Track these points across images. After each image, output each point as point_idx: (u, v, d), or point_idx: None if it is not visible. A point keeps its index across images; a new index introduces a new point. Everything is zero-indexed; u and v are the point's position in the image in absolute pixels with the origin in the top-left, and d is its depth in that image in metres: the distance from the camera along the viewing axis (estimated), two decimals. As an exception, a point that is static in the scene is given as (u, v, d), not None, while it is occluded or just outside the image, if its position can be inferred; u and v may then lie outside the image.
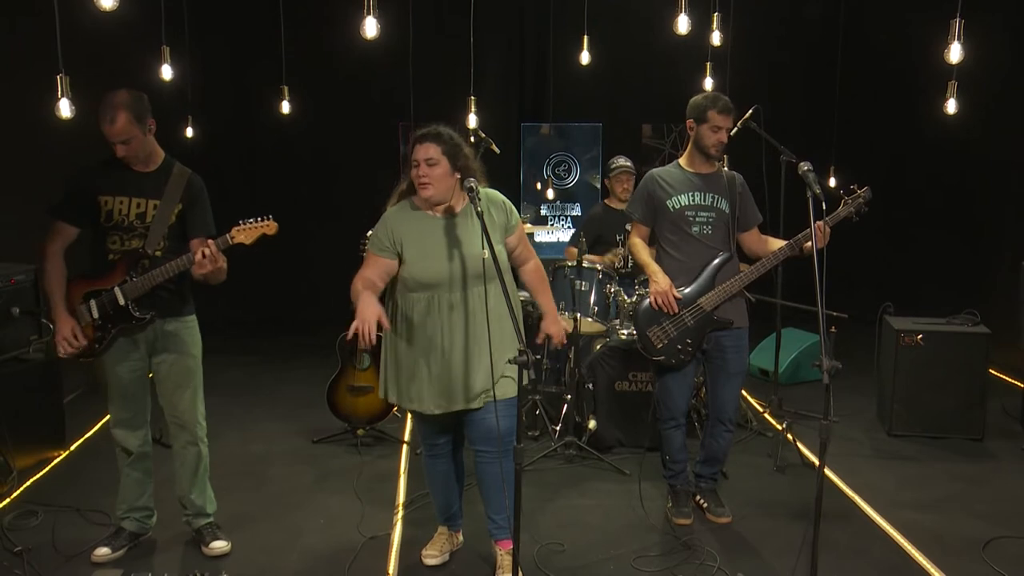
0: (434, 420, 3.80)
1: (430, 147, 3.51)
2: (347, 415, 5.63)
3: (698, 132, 4.33)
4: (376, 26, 4.18)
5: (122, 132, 3.69)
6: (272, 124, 8.09)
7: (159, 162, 3.90)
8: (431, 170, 3.50)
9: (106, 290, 3.79)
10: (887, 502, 4.77)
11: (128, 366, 3.93)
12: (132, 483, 4.10)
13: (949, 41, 4.50)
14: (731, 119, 4.32)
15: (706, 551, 4.14)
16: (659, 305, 4.30)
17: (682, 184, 4.38)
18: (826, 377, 3.12)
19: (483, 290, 3.58)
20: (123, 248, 3.82)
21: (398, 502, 4.73)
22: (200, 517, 4.18)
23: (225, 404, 6.30)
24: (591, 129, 9.40)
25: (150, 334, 3.90)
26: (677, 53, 7.63)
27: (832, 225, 4.17)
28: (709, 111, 4.26)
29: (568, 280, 5.46)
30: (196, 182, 3.94)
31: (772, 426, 5.96)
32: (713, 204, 4.36)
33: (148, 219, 3.82)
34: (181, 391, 4.00)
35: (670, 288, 4.28)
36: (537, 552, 4.11)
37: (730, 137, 4.47)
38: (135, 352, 3.91)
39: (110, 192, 3.80)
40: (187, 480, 4.11)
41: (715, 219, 4.36)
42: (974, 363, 5.72)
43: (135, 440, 4.04)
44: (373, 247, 3.66)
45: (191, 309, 4.02)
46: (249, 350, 8.30)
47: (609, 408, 5.50)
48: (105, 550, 4.02)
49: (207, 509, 4.19)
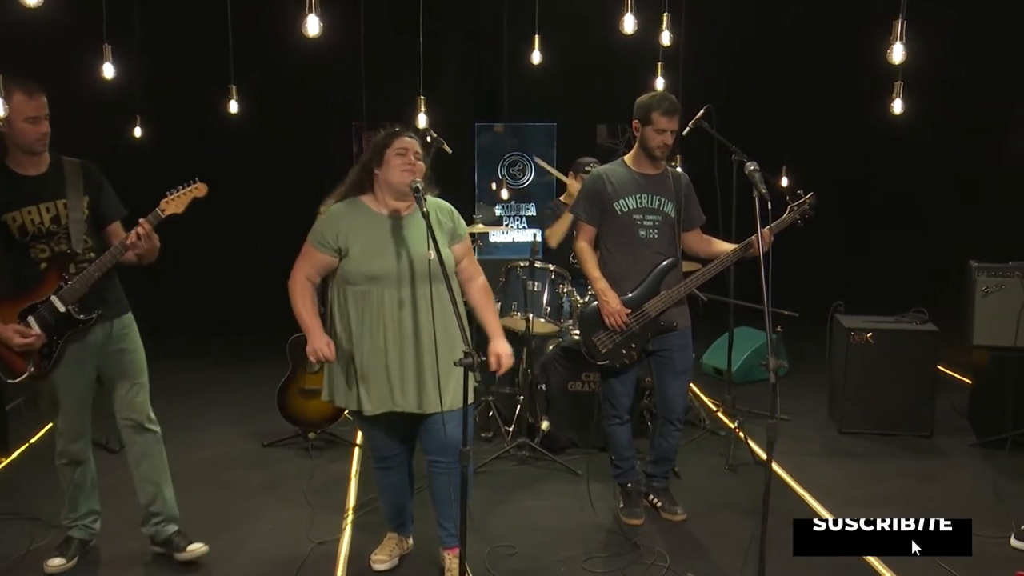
0: (386, 432, 3.77)
1: (417, 143, 3.60)
2: (298, 418, 5.56)
3: (643, 133, 4.32)
4: (318, 24, 4.12)
5: (46, 106, 3.58)
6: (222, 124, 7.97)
7: (48, 160, 3.74)
8: (420, 164, 3.57)
9: (42, 302, 3.63)
10: (837, 499, 4.80)
11: (83, 379, 3.80)
12: (79, 491, 3.99)
13: (891, 42, 4.54)
14: (676, 121, 4.29)
15: (656, 551, 4.14)
16: (610, 325, 4.30)
17: (628, 185, 4.36)
18: (772, 376, 3.11)
19: (429, 291, 3.54)
20: (53, 254, 3.67)
21: (348, 506, 4.68)
22: (171, 523, 4.03)
23: (176, 408, 6.20)
24: (545, 129, 9.39)
25: (99, 336, 3.79)
26: (630, 53, 7.63)
27: (777, 232, 4.20)
28: (653, 113, 4.24)
29: (520, 281, 5.43)
30: (92, 169, 3.82)
31: (725, 425, 5.97)
32: (659, 207, 4.35)
33: (64, 220, 3.67)
34: (137, 388, 3.91)
35: (621, 309, 4.27)
36: (487, 555, 4.07)
37: (682, 137, 4.47)
38: (87, 361, 3.78)
39: (15, 207, 3.61)
40: (157, 478, 3.98)
41: (661, 222, 4.36)
42: (923, 361, 5.78)
43: (83, 448, 3.95)
44: (314, 240, 3.62)
45: (128, 305, 3.94)
46: (202, 352, 8.18)
47: (562, 408, 5.48)
48: (59, 560, 3.92)
49: (176, 512, 4.06)
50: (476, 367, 3.05)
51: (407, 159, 3.55)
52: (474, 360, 3.04)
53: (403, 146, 3.56)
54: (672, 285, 4.35)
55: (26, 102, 3.54)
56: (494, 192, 9.44)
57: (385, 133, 3.63)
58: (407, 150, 3.56)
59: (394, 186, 3.58)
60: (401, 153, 3.56)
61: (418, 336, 3.56)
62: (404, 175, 3.53)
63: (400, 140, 3.58)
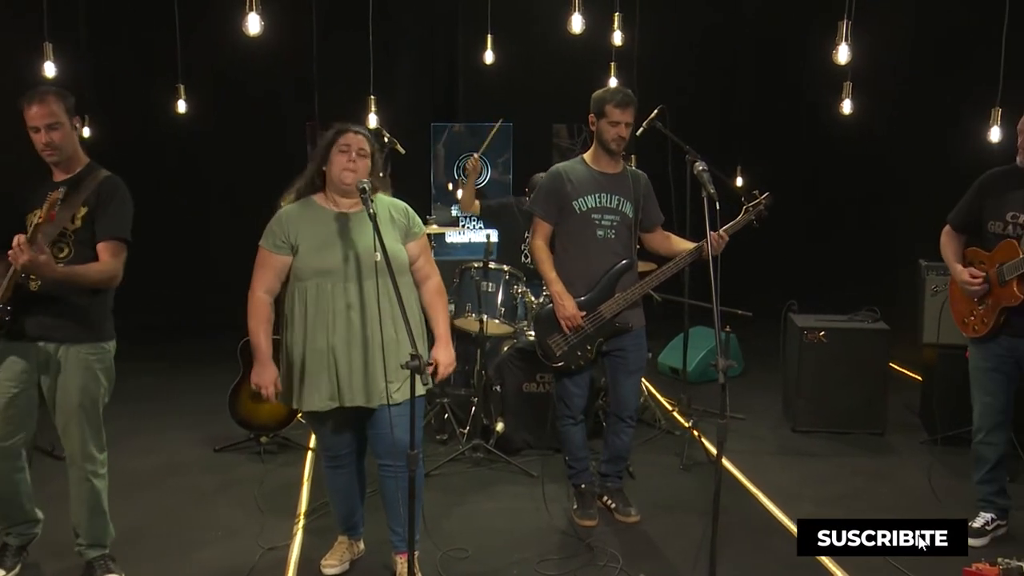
0: (336, 430, 3.72)
1: (363, 140, 3.57)
2: (250, 422, 5.48)
3: (598, 127, 4.31)
4: (259, 22, 4.07)
5: (50, 115, 3.50)
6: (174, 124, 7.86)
7: (78, 169, 3.66)
8: (362, 161, 3.53)
9: None
10: (790, 498, 4.82)
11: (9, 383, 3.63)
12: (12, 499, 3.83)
13: (837, 42, 4.57)
14: (630, 113, 4.27)
15: (610, 552, 4.12)
16: (566, 328, 4.29)
17: (587, 184, 4.34)
18: (721, 377, 3.10)
19: (376, 288, 3.51)
20: None
21: (300, 511, 4.62)
22: (94, 548, 3.87)
23: (128, 413, 6.10)
24: (502, 129, 9.34)
25: (41, 353, 3.61)
26: (585, 53, 7.63)
27: (732, 233, 4.21)
28: (607, 105, 4.23)
29: (474, 282, 5.40)
30: (109, 184, 3.67)
31: (680, 424, 5.98)
32: (618, 207, 4.34)
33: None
34: (65, 423, 3.68)
35: (576, 312, 4.27)
36: (440, 559, 4.04)
37: (636, 137, 4.46)
38: (17, 367, 3.61)
39: (30, 208, 3.51)
40: (83, 508, 3.79)
41: (619, 223, 4.35)
42: (875, 359, 5.84)
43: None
44: (268, 244, 3.59)
45: (93, 337, 3.68)
46: (155, 356, 8.04)
47: (517, 410, 5.46)
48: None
49: (103, 540, 3.89)
50: (423, 370, 3.02)
51: (348, 155, 3.53)
52: (421, 363, 3.01)
53: (345, 142, 3.55)
54: (627, 287, 4.35)
55: (27, 111, 3.53)
56: (450, 192, 9.39)
57: (332, 131, 3.61)
58: (349, 146, 3.54)
59: (336, 182, 3.57)
60: (343, 150, 3.54)
61: (366, 333, 3.52)
62: (344, 172, 3.52)
63: (343, 137, 3.56)
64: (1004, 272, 4.01)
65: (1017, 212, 4.02)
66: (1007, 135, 5.21)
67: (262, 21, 4.04)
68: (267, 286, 3.60)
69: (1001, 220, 4.07)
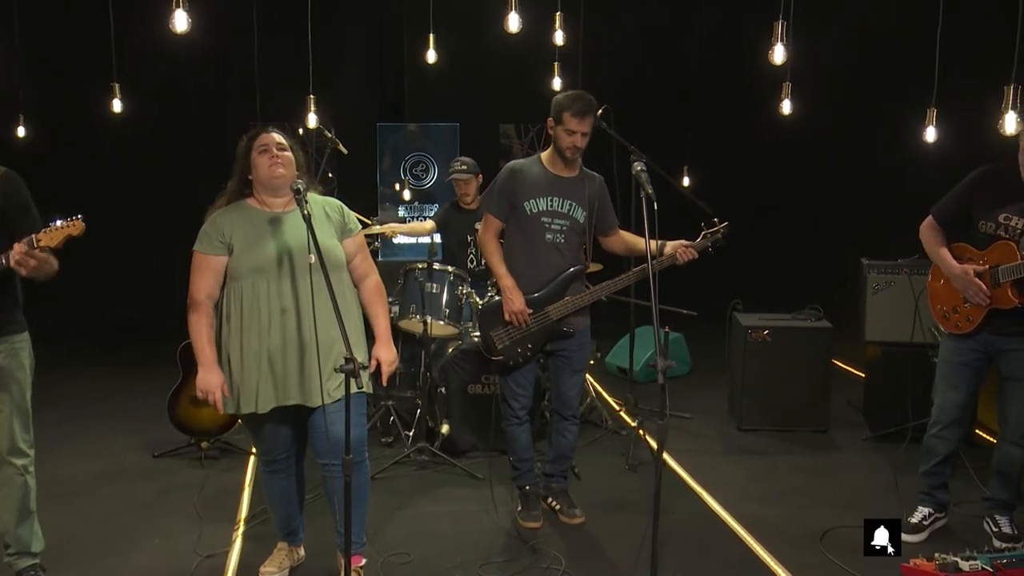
0: (273, 431, 3.64)
1: (278, 137, 3.53)
2: (190, 427, 5.38)
3: (556, 132, 4.27)
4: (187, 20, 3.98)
5: None
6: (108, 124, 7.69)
7: None
8: (284, 155, 3.50)
9: None
10: (734, 497, 4.84)
11: None
12: None
13: (773, 43, 4.60)
14: (588, 123, 4.21)
15: (553, 554, 4.11)
16: (511, 321, 4.27)
17: (541, 185, 4.31)
18: (661, 377, 3.09)
19: (310, 287, 3.45)
20: None
21: (240, 517, 4.54)
22: (24, 557, 3.76)
23: (64, 418, 5.96)
24: (448, 129, 9.32)
25: None
26: (530, 53, 7.62)
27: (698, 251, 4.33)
28: (564, 113, 4.19)
29: (419, 283, 5.35)
30: (12, 180, 3.56)
31: (627, 424, 5.99)
32: (569, 212, 4.32)
33: None
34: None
35: (524, 309, 4.25)
36: (381, 564, 3.99)
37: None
38: None
39: None
40: (11, 512, 3.68)
41: (568, 228, 4.32)
42: (818, 357, 5.89)
43: None
44: (203, 247, 3.51)
45: (22, 327, 3.63)
46: (92, 361, 7.87)
47: (463, 411, 5.42)
48: None
49: (33, 548, 3.78)
50: (358, 373, 2.97)
51: (270, 153, 3.49)
52: (355, 366, 2.96)
53: (263, 143, 3.51)
54: (576, 292, 4.34)
55: None
56: (397, 192, 9.33)
57: (245, 139, 3.58)
58: (268, 146, 3.50)
59: (266, 182, 3.52)
60: (264, 150, 3.50)
61: (302, 334, 3.47)
62: (272, 167, 3.48)
63: (259, 139, 3.53)
64: (999, 274, 3.92)
65: (1010, 214, 3.92)
66: (942, 135, 5.28)
67: (189, 19, 3.95)
68: (207, 290, 3.51)
69: (992, 221, 3.97)
